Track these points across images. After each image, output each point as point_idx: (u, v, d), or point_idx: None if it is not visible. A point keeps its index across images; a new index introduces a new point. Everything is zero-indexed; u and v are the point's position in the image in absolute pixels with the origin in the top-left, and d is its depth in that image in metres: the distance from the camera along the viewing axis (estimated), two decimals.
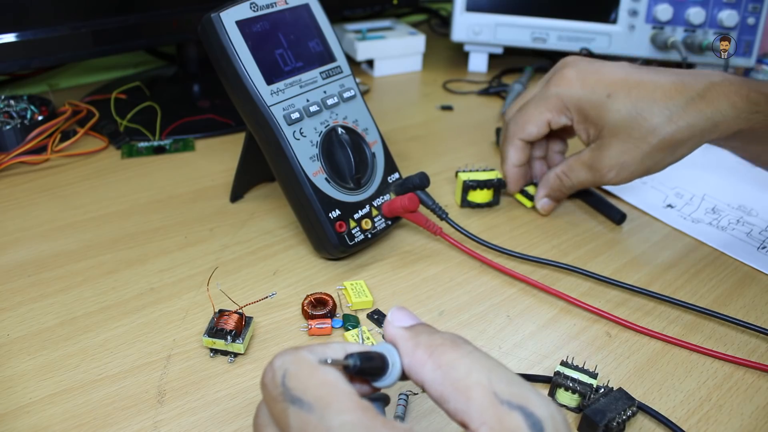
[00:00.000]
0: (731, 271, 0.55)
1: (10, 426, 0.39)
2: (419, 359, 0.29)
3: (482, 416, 0.26)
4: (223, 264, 0.53)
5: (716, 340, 0.47)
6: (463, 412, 0.27)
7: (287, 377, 0.28)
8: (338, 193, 0.52)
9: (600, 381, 0.42)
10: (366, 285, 0.50)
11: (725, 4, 0.84)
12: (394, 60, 0.93)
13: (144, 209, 0.59)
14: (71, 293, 0.49)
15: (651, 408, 0.41)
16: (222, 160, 0.68)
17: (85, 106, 0.73)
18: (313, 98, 0.53)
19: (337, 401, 0.26)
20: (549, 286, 0.51)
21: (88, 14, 0.68)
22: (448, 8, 1.10)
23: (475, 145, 0.74)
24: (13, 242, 0.54)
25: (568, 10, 0.88)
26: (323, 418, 0.26)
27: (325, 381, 0.27)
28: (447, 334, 0.30)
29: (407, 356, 0.29)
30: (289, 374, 0.28)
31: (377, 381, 0.30)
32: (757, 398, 0.43)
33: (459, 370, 0.27)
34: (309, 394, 0.27)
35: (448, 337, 0.29)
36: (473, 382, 0.27)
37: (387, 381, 0.30)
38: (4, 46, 0.64)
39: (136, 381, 0.42)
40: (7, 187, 0.62)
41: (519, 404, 0.26)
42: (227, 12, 0.49)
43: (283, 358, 0.29)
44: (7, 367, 0.43)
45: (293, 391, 0.27)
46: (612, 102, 0.53)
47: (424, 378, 0.28)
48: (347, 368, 0.28)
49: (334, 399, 0.26)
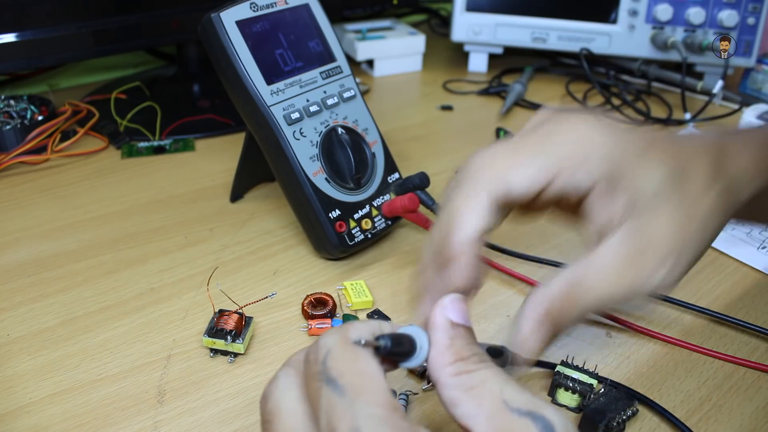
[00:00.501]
0: (731, 271, 0.55)
1: (10, 426, 0.39)
2: (445, 359, 0.29)
3: (491, 422, 0.26)
4: (223, 264, 0.53)
5: (716, 341, 0.47)
6: (472, 418, 0.27)
7: (329, 357, 0.28)
8: (338, 193, 0.52)
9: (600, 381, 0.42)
10: (366, 285, 0.50)
11: (725, 4, 0.84)
12: (394, 60, 0.93)
13: (144, 209, 0.59)
14: (71, 293, 0.49)
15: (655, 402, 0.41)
16: (222, 160, 0.68)
17: (85, 106, 0.73)
18: (313, 98, 0.53)
19: (370, 393, 0.26)
20: None
21: (88, 14, 0.68)
22: (448, 8, 1.10)
23: (475, 145, 0.73)
24: (13, 242, 0.54)
25: (568, 10, 0.88)
26: (352, 405, 0.26)
27: (363, 370, 0.27)
28: (479, 350, 0.30)
29: (437, 350, 0.29)
30: (332, 355, 0.28)
31: (403, 362, 0.31)
32: (757, 398, 0.43)
33: (474, 378, 0.28)
34: (345, 379, 0.27)
35: (479, 353, 0.29)
36: (486, 391, 0.27)
37: (412, 363, 0.30)
38: (4, 46, 0.64)
39: (136, 381, 0.42)
40: (7, 187, 0.62)
41: (528, 410, 0.26)
42: (227, 12, 0.49)
43: (330, 338, 0.29)
44: (7, 367, 0.43)
45: (330, 371, 0.27)
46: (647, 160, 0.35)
47: (440, 378, 0.29)
48: (377, 349, 0.29)
49: (366, 390, 0.26)
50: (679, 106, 0.82)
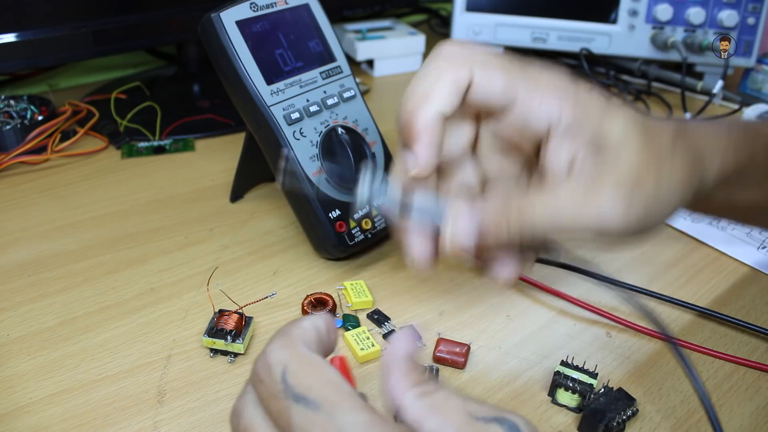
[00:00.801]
0: (731, 271, 0.55)
1: (10, 426, 0.39)
2: (405, 384, 0.28)
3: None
4: (223, 264, 0.53)
5: (716, 340, 0.47)
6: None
7: (288, 374, 0.27)
8: (338, 193, 0.52)
9: (600, 381, 0.42)
10: (366, 285, 0.50)
11: (725, 4, 0.84)
12: (394, 60, 0.93)
13: (144, 209, 0.59)
14: (71, 293, 0.49)
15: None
16: (222, 160, 0.68)
17: (85, 106, 0.73)
18: (313, 98, 0.53)
19: (345, 400, 0.26)
20: (549, 286, 0.51)
21: (88, 14, 0.68)
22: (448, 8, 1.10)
23: None
24: (13, 242, 0.54)
25: (568, 10, 0.88)
26: (332, 417, 0.25)
27: (329, 380, 0.27)
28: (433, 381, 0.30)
29: (396, 379, 0.28)
30: (290, 371, 0.27)
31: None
32: (757, 398, 0.43)
33: (437, 397, 0.28)
34: (314, 393, 0.26)
35: (432, 379, 0.30)
36: (450, 406, 0.27)
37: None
38: (4, 46, 0.64)
39: (136, 381, 0.42)
40: (7, 187, 0.62)
41: (493, 416, 0.27)
42: (227, 12, 0.49)
43: (280, 354, 0.28)
44: (7, 367, 0.43)
45: (296, 388, 0.27)
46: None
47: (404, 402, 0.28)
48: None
49: (341, 398, 0.26)
50: (679, 106, 0.82)
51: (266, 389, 0.28)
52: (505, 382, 0.43)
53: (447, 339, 0.45)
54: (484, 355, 0.45)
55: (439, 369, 0.43)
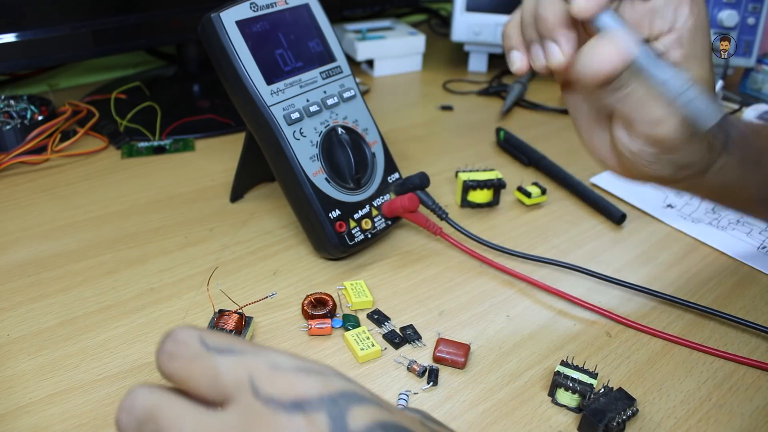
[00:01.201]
0: (731, 271, 0.55)
1: (10, 426, 0.39)
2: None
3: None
4: (223, 264, 0.53)
5: (717, 340, 0.47)
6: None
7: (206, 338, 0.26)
8: (338, 193, 0.52)
9: (600, 381, 0.42)
10: (366, 285, 0.50)
11: (725, 4, 0.84)
12: (394, 60, 0.93)
13: (144, 209, 0.59)
14: (71, 293, 0.49)
15: None
16: (222, 160, 0.68)
17: (85, 106, 0.73)
18: (313, 98, 0.53)
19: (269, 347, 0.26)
20: (549, 285, 0.51)
21: (88, 14, 0.68)
22: (448, 8, 1.10)
23: (475, 145, 0.74)
24: (13, 242, 0.54)
25: None
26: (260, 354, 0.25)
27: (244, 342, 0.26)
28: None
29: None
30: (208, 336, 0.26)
31: None
32: (757, 398, 0.43)
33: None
34: (237, 345, 0.26)
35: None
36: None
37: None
38: (4, 46, 0.64)
39: (136, 381, 0.42)
40: (7, 187, 0.62)
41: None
42: (227, 12, 0.49)
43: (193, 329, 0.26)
44: (7, 367, 0.43)
45: (218, 346, 0.25)
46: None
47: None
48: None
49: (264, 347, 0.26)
50: None
51: (185, 355, 0.26)
52: (505, 382, 0.43)
53: (447, 339, 0.45)
54: (484, 355, 0.45)
55: (439, 369, 0.43)
